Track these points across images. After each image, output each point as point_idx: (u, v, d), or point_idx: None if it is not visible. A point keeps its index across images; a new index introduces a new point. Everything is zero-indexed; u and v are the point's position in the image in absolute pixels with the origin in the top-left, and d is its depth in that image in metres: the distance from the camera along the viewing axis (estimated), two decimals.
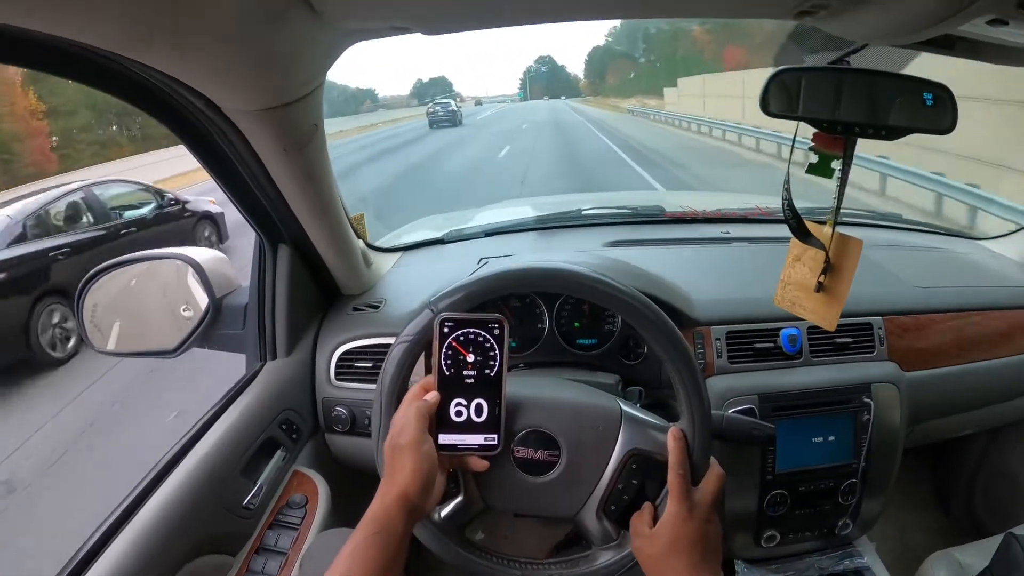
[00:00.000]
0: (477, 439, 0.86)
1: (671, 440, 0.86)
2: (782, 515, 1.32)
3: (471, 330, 0.86)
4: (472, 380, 0.86)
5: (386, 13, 0.79)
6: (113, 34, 0.65)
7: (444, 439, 0.86)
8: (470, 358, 0.86)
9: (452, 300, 0.90)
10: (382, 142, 23.28)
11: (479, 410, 0.86)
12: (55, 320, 5.59)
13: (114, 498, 1.01)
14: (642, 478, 0.90)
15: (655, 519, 0.86)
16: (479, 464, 0.88)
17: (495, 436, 0.86)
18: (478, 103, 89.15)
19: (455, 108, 31.16)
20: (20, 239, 5.69)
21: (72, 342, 5.64)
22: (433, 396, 0.85)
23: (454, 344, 0.86)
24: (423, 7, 0.80)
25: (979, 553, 1.25)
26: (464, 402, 0.86)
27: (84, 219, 6.48)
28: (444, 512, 0.91)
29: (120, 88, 0.82)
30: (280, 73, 0.85)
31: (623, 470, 0.89)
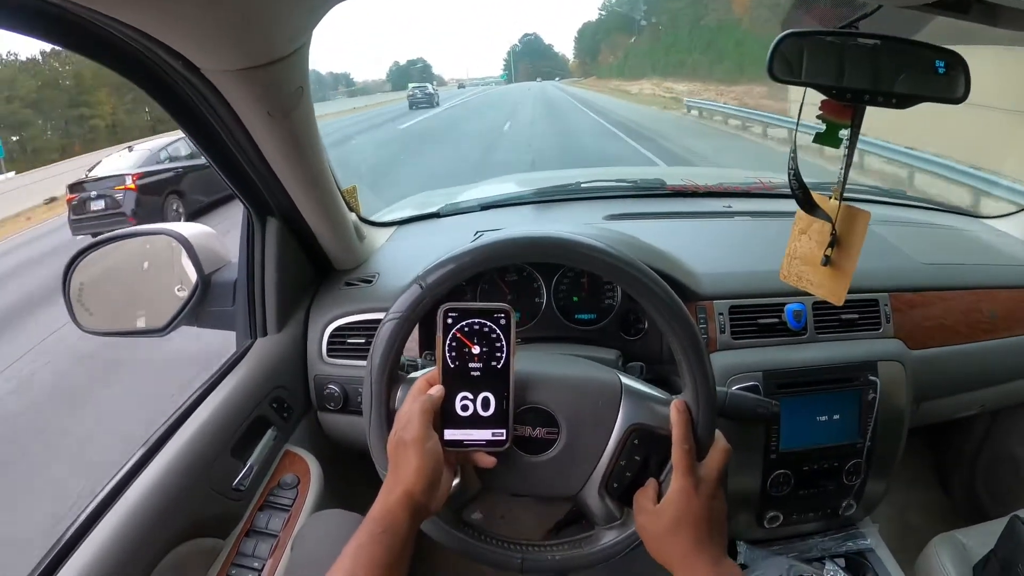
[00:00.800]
0: (484, 434, 0.84)
1: (675, 413, 0.83)
2: (785, 495, 1.30)
3: (476, 320, 0.83)
4: (478, 373, 0.83)
5: None
6: None
7: (450, 435, 0.83)
8: (475, 350, 0.83)
9: (441, 273, 0.85)
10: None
11: (486, 404, 0.84)
12: (174, 206, 9.56)
13: None
14: (645, 453, 0.87)
15: (659, 495, 0.83)
16: (487, 460, 0.85)
17: (503, 431, 0.84)
18: (461, 86, 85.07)
19: (432, 91, 34.44)
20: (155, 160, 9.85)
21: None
22: (438, 390, 0.83)
23: (459, 336, 0.83)
24: None
25: (983, 536, 1.24)
26: (470, 396, 0.83)
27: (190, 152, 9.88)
28: None
29: (92, 47, 0.78)
30: (262, 30, 0.80)
31: (625, 446, 0.87)
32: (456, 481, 0.89)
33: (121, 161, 9.82)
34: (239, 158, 1.06)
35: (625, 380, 0.91)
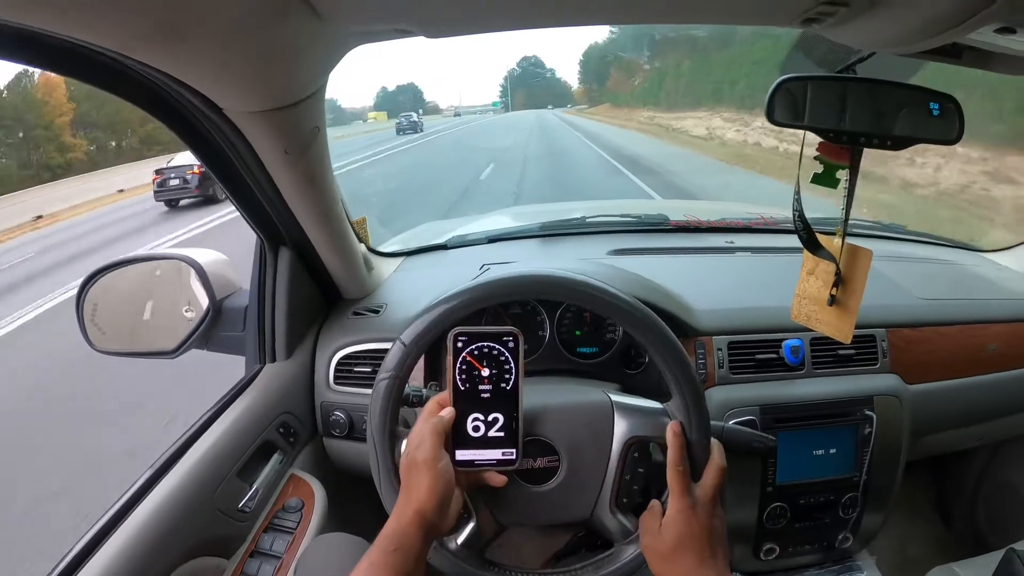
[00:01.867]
0: (495, 454, 0.86)
1: (670, 435, 0.86)
2: (782, 528, 1.31)
3: (486, 344, 0.85)
4: (488, 394, 0.86)
5: (389, 16, 0.79)
6: (111, 32, 0.64)
7: (461, 455, 0.85)
8: (485, 372, 0.86)
9: (419, 331, 0.89)
10: None
11: (496, 424, 0.86)
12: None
13: None
14: (647, 465, 0.90)
15: (663, 514, 0.85)
16: (497, 480, 0.87)
17: (513, 451, 0.86)
18: (457, 114, 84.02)
19: (416, 119, 40.54)
20: None
21: None
22: (449, 412, 0.85)
23: (468, 359, 0.86)
24: (427, 10, 0.79)
25: (980, 568, 1.24)
26: (481, 417, 0.86)
27: None
28: (460, 539, 0.90)
29: (120, 87, 0.82)
30: (281, 75, 0.84)
31: (626, 460, 0.89)
32: (472, 524, 0.90)
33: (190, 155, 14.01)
34: (255, 191, 1.10)
35: (614, 397, 0.93)
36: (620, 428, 0.90)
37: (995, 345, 1.45)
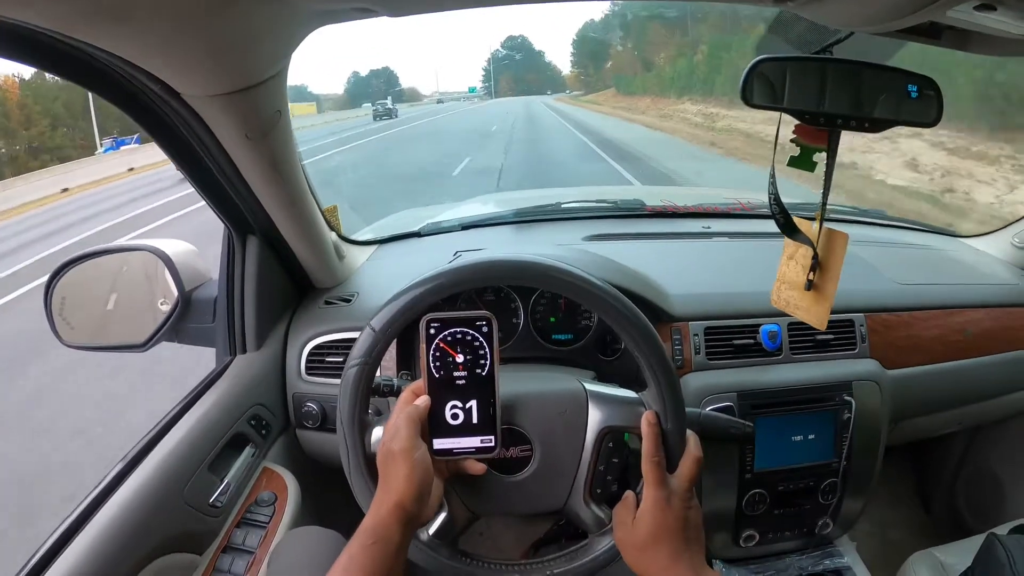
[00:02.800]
0: (473, 441, 0.84)
1: (644, 426, 0.84)
2: (761, 514, 1.31)
3: (459, 329, 0.84)
4: (463, 381, 0.84)
5: None
6: (57, 13, 0.62)
7: (439, 444, 0.84)
8: (459, 358, 0.84)
9: (388, 317, 0.87)
10: None
11: (473, 411, 0.84)
12: None
13: None
14: (622, 455, 0.89)
15: (638, 506, 0.84)
16: (476, 467, 0.86)
17: (491, 437, 0.84)
18: (440, 101, 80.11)
19: (391, 107, 43.80)
20: None
21: None
22: (424, 400, 0.83)
23: (442, 345, 0.84)
24: None
25: (961, 553, 1.25)
26: (458, 404, 0.84)
27: None
28: (432, 529, 0.89)
29: (76, 72, 0.79)
30: (239, 56, 0.82)
31: (600, 450, 0.88)
32: (444, 514, 0.89)
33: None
34: (219, 178, 1.08)
35: (589, 385, 0.92)
36: (594, 418, 0.89)
37: (972, 330, 1.46)
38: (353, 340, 1.27)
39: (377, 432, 0.88)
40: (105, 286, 1.33)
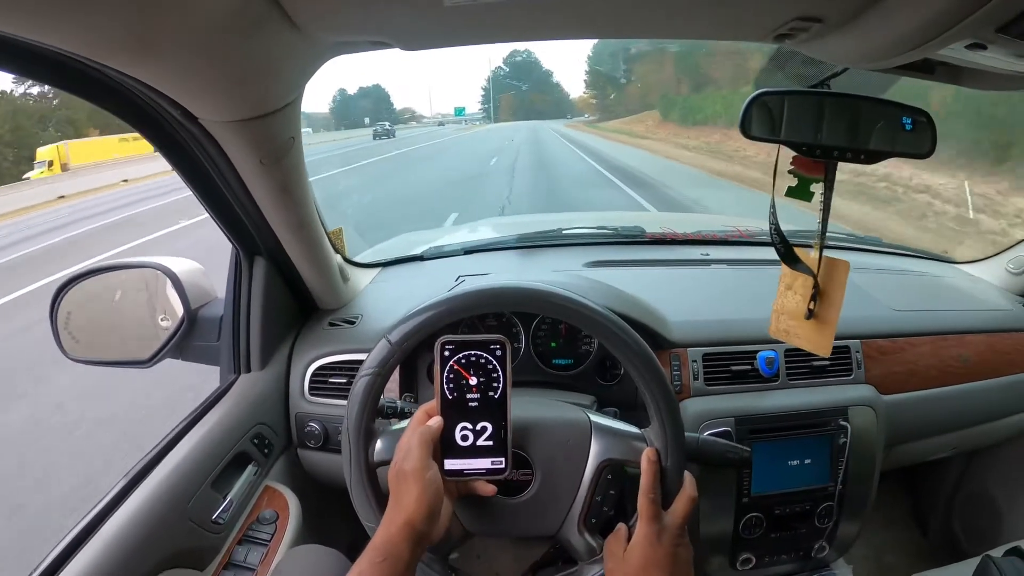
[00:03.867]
0: (484, 463, 0.85)
1: (644, 463, 0.86)
2: (758, 538, 1.32)
3: (473, 352, 0.85)
4: (476, 403, 0.85)
5: (366, 28, 0.79)
6: (89, 40, 0.64)
7: (450, 464, 0.85)
8: (473, 380, 0.85)
9: (406, 330, 0.89)
10: None
11: (484, 433, 0.85)
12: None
13: None
14: (619, 487, 0.90)
15: (629, 539, 0.85)
16: (487, 489, 0.87)
17: (502, 459, 0.85)
18: (441, 123, 72.44)
19: (390, 127, 45.98)
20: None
21: None
22: (436, 421, 0.84)
23: (456, 367, 0.85)
24: (404, 23, 0.79)
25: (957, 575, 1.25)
26: (469, 426, 0.85)
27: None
28: None
29: (97, 94, 0.81)
30: (258, 85, 0.84)
31: (599, 481, 0.89)
32: None
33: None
34: (230, 200, 1.10)
35: (594, 417, 0.93)
36: (596, 449, 0.90)
37: (968, 355, 1.47)
38: (357, 362, 1.30)
39: (380, 444, 0.89)
40: (111, 302, 1.34)
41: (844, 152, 0.85)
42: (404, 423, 0.92)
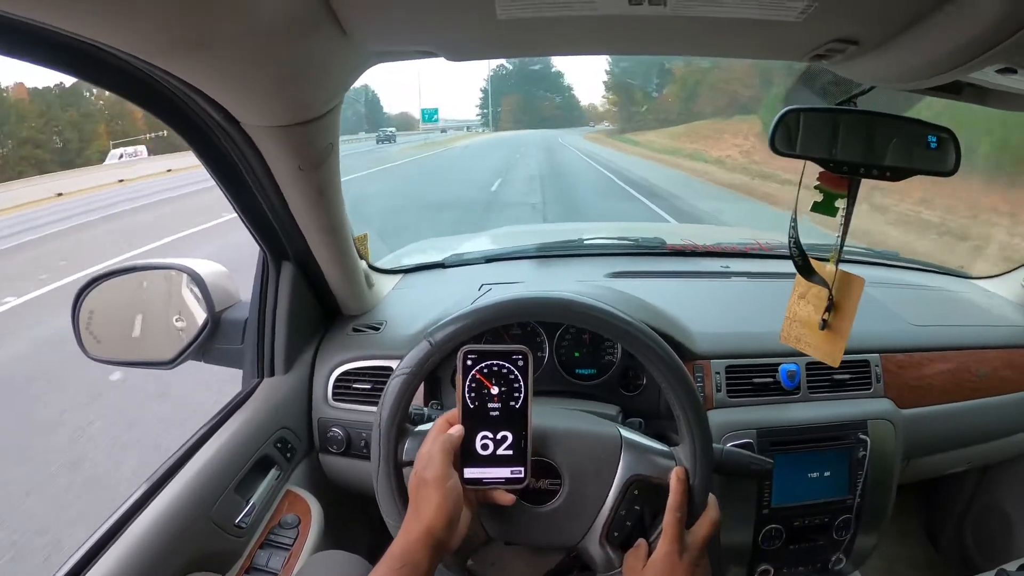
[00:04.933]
0: (503, 472, 0.86)
1: (674, 480, 0.87)
2: (776, 549, 1.32)
3: (495, 362, 0.86)
4: (497, 413, 0.86)
5: (415, 38, 0.80)
6: (139, 39, 0.64)
7: (470, 473, 0.85)
8: (494, 390, 0.86)
9: (450, 332, 0.90)
10: None
11: (505, 443, 0.86)
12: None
13: None
14: (644, 503, 0.90)
15: (649, 555, 0.86)
16: (505, 498, 0.87)
17: (521, 469, 0.86)
18: (443, 131, 59.12)
19: (392, 132, 45.91)
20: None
21: None
22: (458, 430, 0.85)
23: (478, 376, 0.86)
24: (454, 35, 0.81)
25: None
26: (490, 435, 0.86)
27: None
28: None
29: (138, 94, 0.82)
30: (302, 90, 0.85)
31: (625, 496, 0.89)
32: None
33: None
34: (263, 204, 1.11)
35: (625, 433, 0.94)
36: (625, 464, 0.91)
37: (985, 371, 1.48)
38: (381, 368, 1.30)
39: (410, 443, 0.90)
40: (134, 303, 1.35)
41: (869, 169, 0.87)
42: (431, 426, 0.92)
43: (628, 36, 0.82)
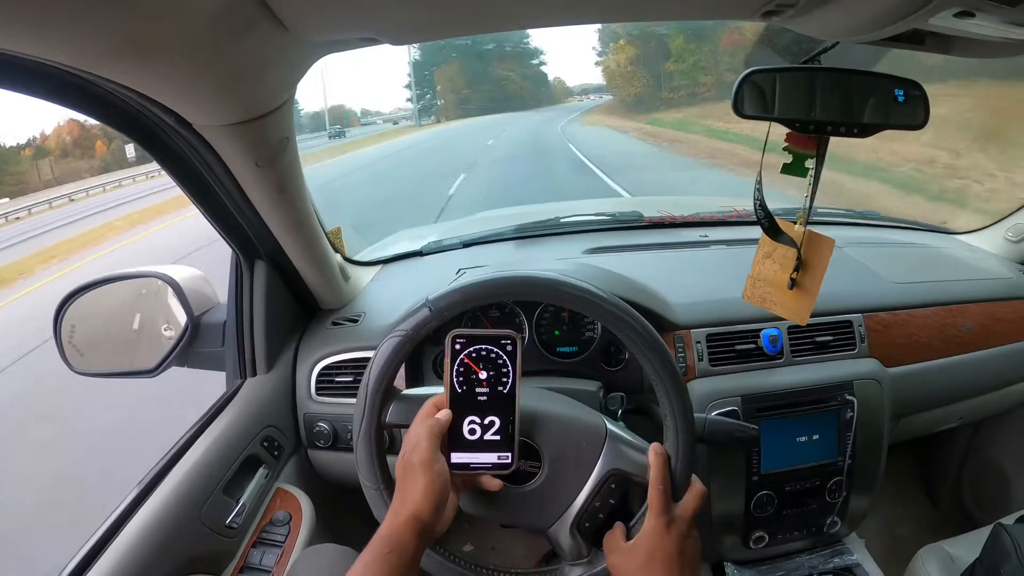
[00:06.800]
0: (491, 457, 0.85)
1: (652, 455, 0.86)
2: (769, 515, 1.32)
3: (483, 347, 0.85)
4: (485, 397, 0.85)
5: (355, 25, 0.79)
6: (79, 50, 0.64)
7: (457, 458, 0.85)
8: (483, 375, 0.85)
9: (452, 300, 0.88)
10: None
11: (492, 427, 0.85)
12: None
13: None
14: (619, 498, 0.89)
15: (627, 537, 0.85)
16: (492, 483, 0.87)
17: (508, 454, 0.85)
18: (395, 122, 47.97)
19: (341, 128, 41.91)
20: None
21: None
22: (445, 414, 0.84)
23: (466, 361, 0.85)
24: (391, 18, 0.79)
25: (969, 545, 1.26)
26: (477, 419, 0.85)
27: None
28: None
29: (90, 106, 0.82)
30: (249, 87, 0.85)
31: (601, 488, 0.89)
32: None
33: None
34: (228, 204, 1.10)
35: (610, 426, 0.93)
36: (606, 457, 0.90)
37: (970, 324, 1.48)
38: (362, 359, 1.30)
39: (394, 407, 0.89)
40: (114, 313, 1.35)
41: (837, 126, 0.86)
42: (420, 389, 0.92)
43: (572, 2, 0.81)
